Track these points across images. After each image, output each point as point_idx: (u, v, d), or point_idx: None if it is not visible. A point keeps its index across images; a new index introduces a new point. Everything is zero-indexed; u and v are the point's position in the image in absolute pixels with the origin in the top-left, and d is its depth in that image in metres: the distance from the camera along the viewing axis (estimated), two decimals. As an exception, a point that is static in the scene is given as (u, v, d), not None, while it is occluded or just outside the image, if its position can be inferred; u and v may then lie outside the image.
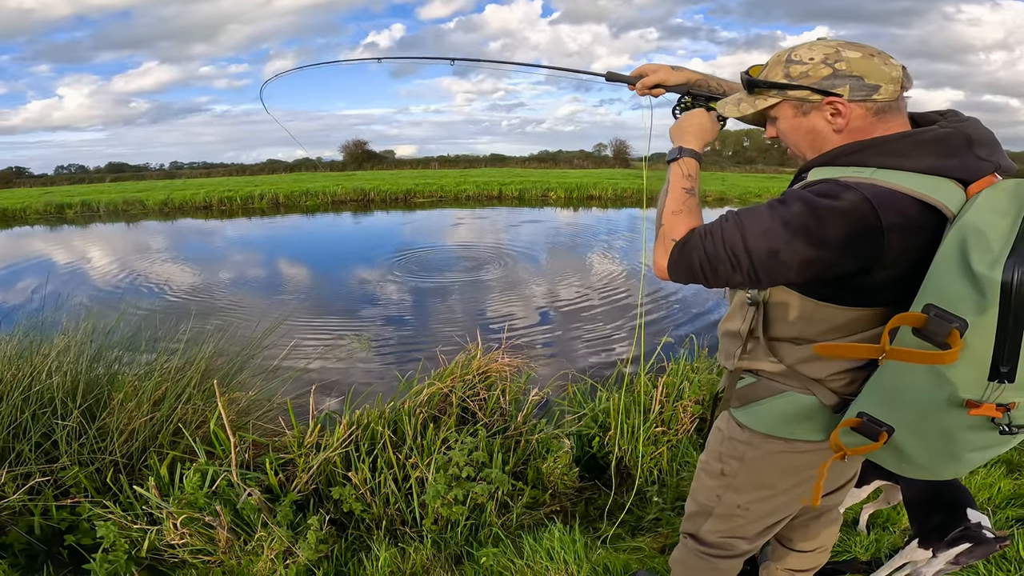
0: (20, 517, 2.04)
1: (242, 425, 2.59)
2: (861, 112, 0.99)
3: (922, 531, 1.68)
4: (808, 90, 1.00)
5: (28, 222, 17.95)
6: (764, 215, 0.98)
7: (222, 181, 30.66)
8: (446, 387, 2.60)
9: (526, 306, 7.22)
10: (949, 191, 0.93)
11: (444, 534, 2.10)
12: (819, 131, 1.03)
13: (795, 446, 1.19)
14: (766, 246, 0.96)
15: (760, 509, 1.32)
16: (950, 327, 0.83)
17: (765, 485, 1.28)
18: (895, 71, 0.97)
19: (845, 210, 0.91)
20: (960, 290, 0.83)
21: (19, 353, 2.48)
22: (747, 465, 1.27)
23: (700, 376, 2.99)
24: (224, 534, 1.90)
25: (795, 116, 1.05)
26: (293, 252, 11.72)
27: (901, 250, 0.92)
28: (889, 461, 1.05)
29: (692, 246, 1.04)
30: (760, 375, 1.21)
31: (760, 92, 1.07)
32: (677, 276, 1.08)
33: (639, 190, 23.19)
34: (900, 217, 0.90)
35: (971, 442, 0.94)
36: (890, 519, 2.25)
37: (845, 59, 0.97)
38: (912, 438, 0.97)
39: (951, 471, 1.01)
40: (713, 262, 1.02)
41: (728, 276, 1.02)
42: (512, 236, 13.54)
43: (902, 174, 0.93)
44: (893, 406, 0.97)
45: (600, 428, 2.76)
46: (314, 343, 5.70)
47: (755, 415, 1.22)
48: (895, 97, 0.98)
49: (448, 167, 45.02)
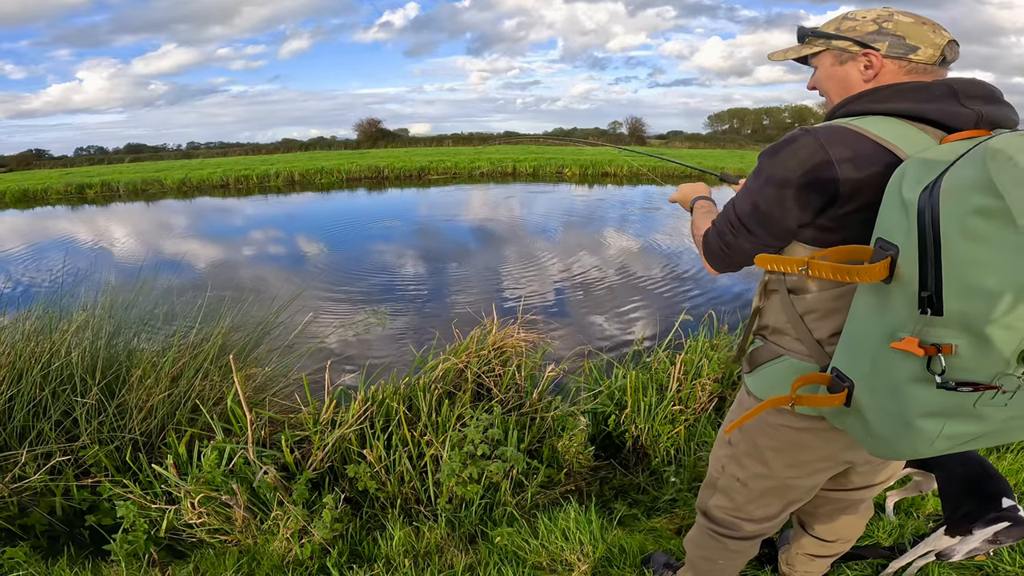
0: (42, 498, 2.06)
1: (259, 401, 2.60)
2: (894, 68, 1.03)
3: (951, 519, 1.63)
4: (850, 41, 1.06)
5: (49, 202, 18.20)
6: (745, 183, 1.11)
7: (238, 160, 30.81)
8: (461, 362, 2.57)
9: (542, 281, 7.18)
10: (912, 136, 0.94)
11: (458, 513, 2.09)
12: (850, 80, 1.09)
13: (788, 419, 1.17)
14: (748, 202, 1.08)
15: (758, 486, 1.30)
16: (887, 254, 0.84)
17: (760, 460, 1.26)
18: (940, 39, 1.01)
19: (797, 149, 0.99)
20: (895, 217, 0.84)
21: (38, 329, 2.50)
22: (746, 435, 1.27)
23: (719, 353, 2.94)
24: (240, 513, 1.91)
25: (832, 65, 1.12)
26: (308, 227, 11.75)
27: (855, 182, 0.95)
28: (859, 431, 0.99)
29: (709, 234, 1.22)
30: (767, 337, 1.21)
31: (810, 41, 1.15)
32: (715, 263, 1.23)
33: (655, 168, 22.93)
34: (849, 151, 0.95)
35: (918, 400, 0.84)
36: (915, 504, 2.19)
37: (895, 21, 1.03)
38: (868, 395, 0.93)
39: (908, 445, 0.90)
40: (723, 237, 1.16)
41: (736, 243, 1.14)
42: (528, 211, 13.45)
43: (871, 119, 0.98)
44: (852, 356, 0.97)
45: (616, 406, 2.72)
46: (330, 317, 5.72)
47: (758, 380, 1.22)
48: (932, 61, 1.01)
49: (462, 144, 44.73)
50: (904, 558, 1.76)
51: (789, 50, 1.20)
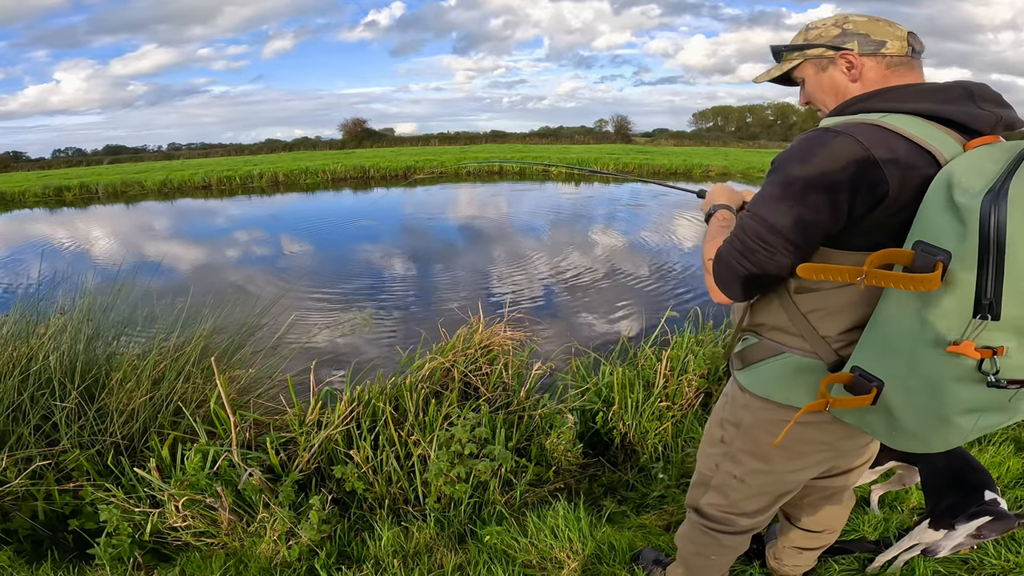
0: (23, 502, 2.02)
1: (243, 403, 2.57)
2: (873, 64, 1.05)
3: (935, 512, 1.65)
4: (822, 47, 1.09)
5: (27, 205, 17.83)
6: (767, 191, 1.03)
7: (221, 161, 30.42)
8: (448, 361, 2.56)
9: (529, 278, 7.18)
10: (941, 138, 0.94)
11: (447, 512, 2.08)
12: (839, 84, 1.10)
13: (791, 415, 1.16)
14: (786, 214, 0.99)
15: (756, 482, 1.30)
16: (935, 260, 0.83)
17: (760, 456, 1.26)
18: (900, 31, 1.05)
19: (836, 151, 0.94)
20: (944, 222, 0.84)
21: (16, 334, 2.44)
22: (743, 432, 1.26)
23: (705, 349, 2.95)
24: (226, 516, 1.89)
25: (816, 73, 1.13)
26: (293, 228, 11.63)
27: (900, 183, 0.93)
28: (880, 428, 1.02)
29: (725, 254, 1.09)
30: (762, 335, 1.19)
31: (786, 56, 1.17)
32: (727, 289, 1.12)
33: (641, 165, 23.01)
34: (890, 152, 0.92)
35: (960, 398, 0.89)
36: (899, 498, 2.22)
37: (852, 21, 1.07)
38: (901, 394, 0.95)
39: (941, 438, 0.96)
40: (749, 257, 1.05)
41: (768, 262, 1.03)
42: (515, 209, 13.44)
43: (905, 118, 0.96)
44: (884, 356, 0.96)
45: (604, 403, 2.73)
46: (315, 318, 5.67)
47: (754, 376, 1.21)
48: (903, 52, 1.04)
49: (448, 144, 44.61)
50: (890, 552, 1.78)
51: (771, 70, 1.21)
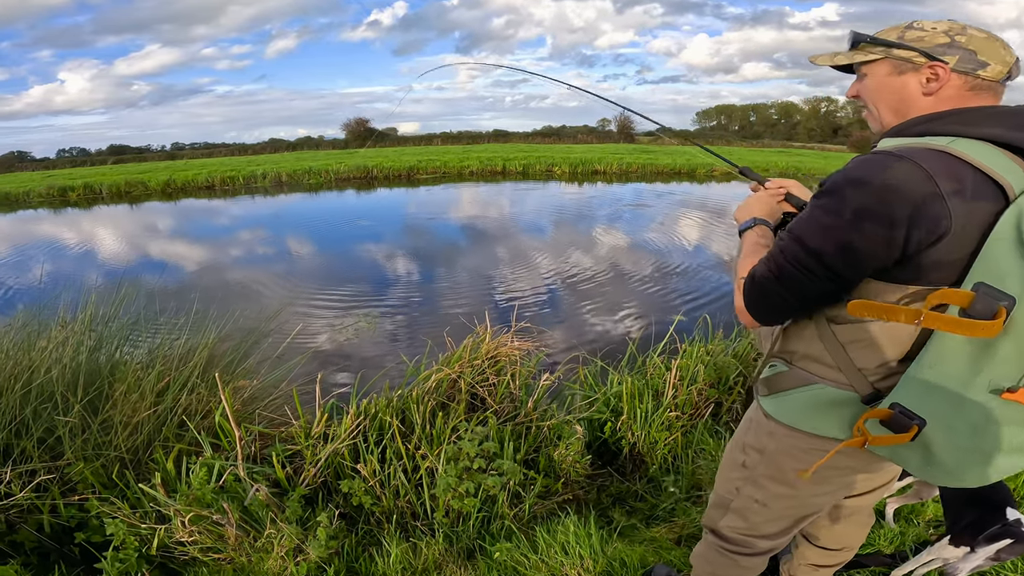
0: (29, 515, 2.00)
1: (248, 415, 2.54)
2: (958, 83, 0.98)
3: (955, 528, 1.62)
4: (916, 51, 0.99)
5: (31, 206, 17.89)
6: (815, 214, 0.97)
7: (224, 161, 30.49)
8: (454, 373, 2.53)
9: (535, 283, 7.15)
10: (1011, 168, 0.89)
11: (456, 527, 2.05)
12: (908, 92, 1.02)
13: (819, 443, 1.14)
14: (831, 240, 0.94)
15: (779, 507, 1.28)
16: (998, 304, 0.80)
17: (784, 482, 1.23)
18: (1010, 56, 0.98)
19: (897, 179, 0.88)
20: (1011, 264, 0.80)
21: (17, 345, 2.42)
22: (768, 458, 1.23)
23: (716, 359, 2.92)
24: (233, 532, 1.86)
25: (889, 74, 1.04)
26: (296, 230, 11.63)
27: (965, 219, 0.87)
28: (913, 462, 1.00)
29: (758, 276, 1.05)
30: (793, 363, 1.16)
31: (864, 47, 1.07)
32: (757, 312, 1.09)
33: (644, 165, 22.93)
34: (957, 184, 0.87)
35: (1006, 441, 0.89)
36: (915, 511, 2.18)
37: (969, 35, 0.98)
38: (943, 433, 0.93)
39: (976, 476, 0.95)
40: (785, 281, 1.02)
41: (804, 287, 1.00)
42: (519, 210, 13.41)
43: (974, 144, 0.90)
44: (928, 396, 0.93)
45: (612, 413, 2.70)
46: (320, 325, 5.65)
47: (781, 405, 1.18)
48: (998, 78, 0.98)
49: (451, 143, 44.61)
50: (906, 566, 1.75)
51: (838, 55, 1.12)
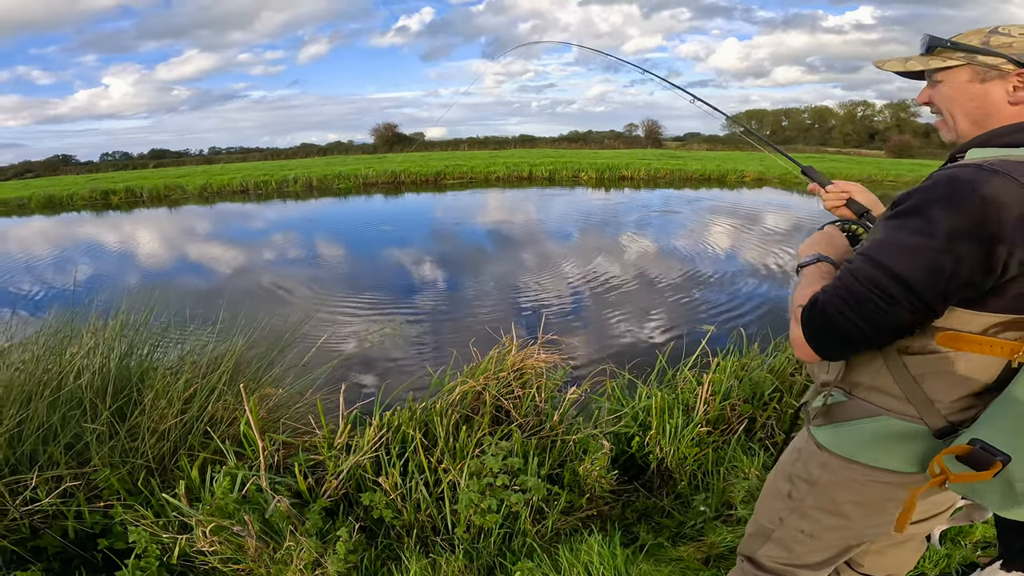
0: (54, 521, 2.02)
1: (272, 423, 2.54)
2: None
3: (1008, 552, 1.52)
4: (1005, 58, 0.94)
5: (75, 208, 18.52)
6: (899, 237, 0.91)
7: (258, 165, 31.14)
8: (479, 385, 2.49)
9: (561, 291, 7.08)
10: None
11: (476, 543, 2.01)
12: (991, 101, 0.97)
13: (879, 475, 1.07)
14: (923, 266, 0.87)
15: (828, 538, 1.22)
16: None
17: (837, 513, 1.17)
18: None
19: (993, 196, 0.82)
20: None
21: (49, 351, 2.46)
22: (818, 490, 1.17)
23: (751, 373, 2.82)
24: (253, 543, 1.85)
25: (970, 81, 0.99)
26: (325, 234, 11.78)
27: None
28: (993, 499, 0.93)
29: (822, 302, 0.98)
30: (854, 394, 1.09)
31: (941, 52, 1.02)
32: (818, 343, 1.01)
33: (673, 170, 22.67)
34: None
35: None
36: (963, 532, 2.07)
37: None
38: None
39: None
40: (857, 307, 0.94)
41: (881, 314, 0.92)
42: (545, 216, 13.36)
43: None
44: (1018, 433, 0.88)
45: (640, 427, 2.62)
46: (346, 332, 5.68)
47: (838, 436, 1.11)
48: None
49: (477, 148, 44.85)
50: None
51: (911, 60, 1.06)
